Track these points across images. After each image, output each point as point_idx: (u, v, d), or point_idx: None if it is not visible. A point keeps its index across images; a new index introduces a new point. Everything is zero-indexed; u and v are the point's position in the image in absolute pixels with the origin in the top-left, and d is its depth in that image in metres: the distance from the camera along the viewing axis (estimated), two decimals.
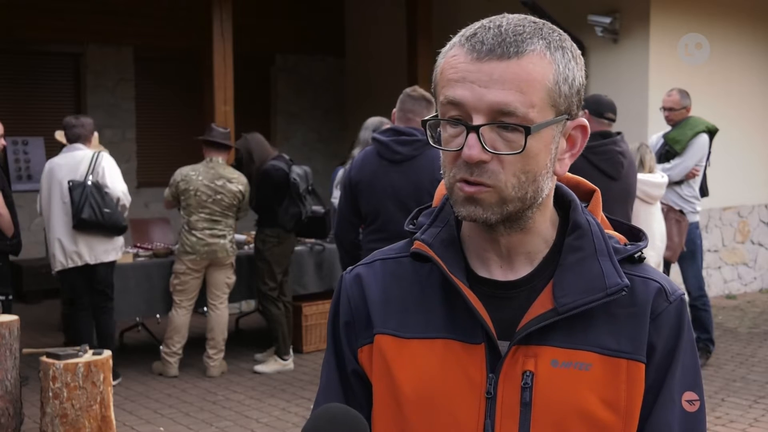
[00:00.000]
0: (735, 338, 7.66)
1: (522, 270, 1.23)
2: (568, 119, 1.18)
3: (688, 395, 1.22)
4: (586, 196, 1.31)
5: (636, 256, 1.24)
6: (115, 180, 6.21)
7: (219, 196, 6.46)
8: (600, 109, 4.96)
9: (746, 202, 9.69)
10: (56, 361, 4.62)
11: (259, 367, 6.76)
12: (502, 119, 1.12)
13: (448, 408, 1.21)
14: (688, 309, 1.26)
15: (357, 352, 1.29)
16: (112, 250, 6.23)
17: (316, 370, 6.76)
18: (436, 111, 1.19)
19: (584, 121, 1.21)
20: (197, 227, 6.44)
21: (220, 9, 8.13)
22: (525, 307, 1.20)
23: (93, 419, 4.65)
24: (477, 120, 1.13)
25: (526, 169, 1.14)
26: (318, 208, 6.77)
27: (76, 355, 4.71)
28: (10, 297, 6.32)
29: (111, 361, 4.81)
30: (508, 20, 1.16)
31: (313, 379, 6.52)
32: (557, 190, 1.26)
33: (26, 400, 5.43)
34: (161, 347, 6.72)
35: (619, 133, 4.91)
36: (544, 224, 1.23)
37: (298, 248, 7.19)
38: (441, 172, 1.20)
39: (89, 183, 6.04)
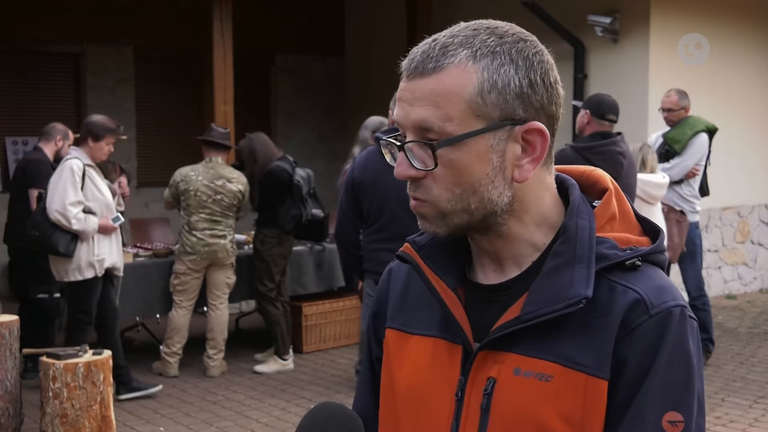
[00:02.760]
0: (735, 338, 7.66)
1: (510, 273, 1.22)
2: (514, 125, 1.14)
3: (671, 416, 1.12)
4: (600, 195, 1.26)
5: (627, 263, 1.16)
6: (53, 196, 5.54)
7: (219, 196, 6.45)
8: (601, 110, 4.96)
9: (746, 202, 9.68)
10: (56, 361, 4.62)
11: (259, 367, 6.76)
12: (425, 135, 1.14)
13: (428, 405, 1.24)
14: (688, 320, 1.18)
15: (382, 342, 1.35)
16: (74, 270, 5.66)
17: (316, 370, 6.76)
18: None
19: (538, 124, 1.15)
20: (197, 227, 6.44)
21: (220, 9, 8.13)
22: (501, 312, 1.18)
23: (93, 419, 4.65)
24: (409, 137, 1.15)
25: (458, 182, 1.14)
26: (318, 212, 6.76)
27: (76, 355, 4.71)
28: (56, 295, 6.33)
29: (111, 362, 4.81)
30: (452, 31, 1.17)
31: (314, 379, 6.52)
32: (565, 192, 1.23)
33: (26, 400, 5.42)
34: (161, 347, 6.72)
35: (619, 134, 4.92)
36: (526, 229, 1.20)
37: (297, 248, 7.19)
38: None
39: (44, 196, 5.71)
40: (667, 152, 6.72)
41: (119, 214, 5.89)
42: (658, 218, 5.78)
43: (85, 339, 5.78)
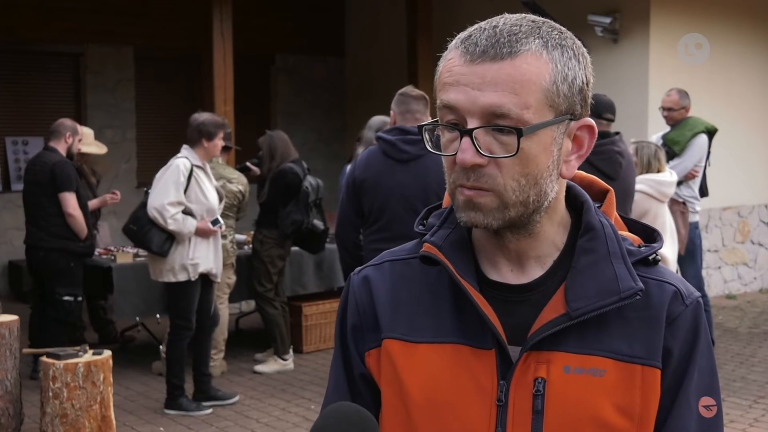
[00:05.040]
0: (735, 338, 7.66)
1: (533, 273, 1.20)
2: (571, 119, 1.15)
3: (705, 400, 1.19)
4: (600, 195, 1.28)
5: (650, 258, 1.20)
6: (156, 192, 5.51)
7: None
8: (599, 109, 4.96)
9: (746, 202, 9.69)
10: (56, 361, 4.62)
11: (259, 367, 6.76)
12: (496, 122, 1.10)
13: (458, 414, 1.18)
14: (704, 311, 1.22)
15: (364, 356, 1.27)
16: (168, 272, 5.56)
17: (316, 370, 6.76)
18: (435, 114, 1.18)
19: (590, 121, 1.18)
20: None
21: (220, 9, 8.13)
22: (536, 312, 1.17)
23: (93, 419, 4.65)
24: (471, 123, 1.10)
25: (525, 172, 1.12)
26: (319, 223, 6.72)
27: (76, 355, 4.71)
28: (79, 298, 6.32)
29: (111, 361, 4.81)
30: (506, 20, 1.14)
31: (314, 379, 6.52)
32: (570, 190, 1.24)
33: (26, 400, 5.42)
34: (161, 347, 6.71)
35: (617, 133, 4.93)
36: (553, 228, 1.20)
37: (297, 248, 7.18)
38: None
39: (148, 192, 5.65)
40: (667, 153, 6.72)
41: (219, 217, 5.71)
42: (669, 216, 5.75)
43: (182, 346, 5.72)
